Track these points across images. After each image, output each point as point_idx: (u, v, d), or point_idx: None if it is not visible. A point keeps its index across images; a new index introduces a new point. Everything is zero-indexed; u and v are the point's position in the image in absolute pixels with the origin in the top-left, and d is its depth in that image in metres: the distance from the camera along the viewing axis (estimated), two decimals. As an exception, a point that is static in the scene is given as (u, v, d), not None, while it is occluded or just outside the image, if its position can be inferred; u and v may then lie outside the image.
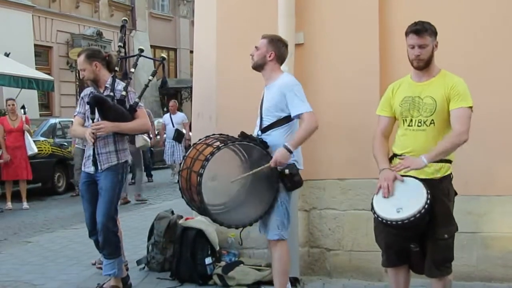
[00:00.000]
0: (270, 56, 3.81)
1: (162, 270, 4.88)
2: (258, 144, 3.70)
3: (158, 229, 4.98)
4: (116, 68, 4.47)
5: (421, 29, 3.23)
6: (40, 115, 15.77)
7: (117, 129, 4.24)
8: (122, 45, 4.65)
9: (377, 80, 4.48)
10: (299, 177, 3.73)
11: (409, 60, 3.30)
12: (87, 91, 4.47)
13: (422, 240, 3.28)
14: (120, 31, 4.75)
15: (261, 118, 3.84)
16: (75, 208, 9.02)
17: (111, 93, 4.30)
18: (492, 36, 4.41)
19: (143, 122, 4.37)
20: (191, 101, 6.65)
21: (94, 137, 4.14)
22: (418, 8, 4.37)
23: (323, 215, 4.69)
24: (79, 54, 4.46)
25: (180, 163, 4.18)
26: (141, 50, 4.72)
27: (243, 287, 4.43)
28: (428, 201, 3.09)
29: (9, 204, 9.57)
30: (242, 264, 4.62)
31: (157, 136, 12.87)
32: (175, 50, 25.93)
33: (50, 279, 4.98)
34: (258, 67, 3.86)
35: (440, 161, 3.21)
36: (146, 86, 4.62)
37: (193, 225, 4.73)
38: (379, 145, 3.42)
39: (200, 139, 3.91)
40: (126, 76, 4.62)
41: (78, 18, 19.24)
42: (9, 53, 14.39)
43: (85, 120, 4.39)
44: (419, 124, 3.27)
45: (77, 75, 15.24)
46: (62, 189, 11.55)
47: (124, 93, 4.30)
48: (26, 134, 9.89)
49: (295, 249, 4.43)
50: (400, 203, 3.14)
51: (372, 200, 3.28)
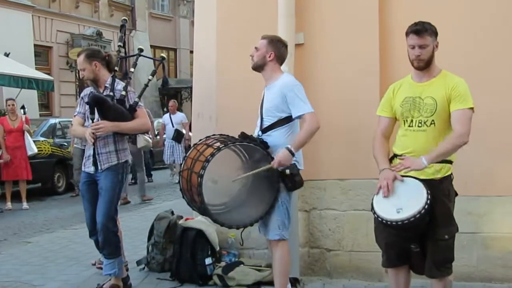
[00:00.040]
0: (270, 57, 3.81)
1: (162, 271, 4.88)
2: (258, 145, 3.70)
3: (158, 230, 4.98)
4: (116, 68, 4.47)
5: (422, 29, 3.22)
6: (40, 115, 15.77)
7: (117, 128, 4.23)
8: (122, 45, 4.66)
9: (377, 80, 4.48)
10: (300, 177, 3.72)
11: (409, 60, 3.30)
12: (87, 91, 4.47)
13: (422, 240, 3.27)
14: (120, 31, 4.75)
15: (261, 119, 3.84)
16: (75, 208, 9.03)
17: (111, 93, 4.30)
18: (492, 36, 4.40)
19: (143, 121, 4.37)
20: (191, 101, 6.65)
21: (94, 137, 4.14)
22: (418, 8, 4.37)
23: (323, 216, 4.69)
24: (79, 54, 4.46)
25: (180, 164, 4.18)
26: (141, 50, 4.71)
27: (243, 287, 4.43)
28: (428, 201, 3.09)
29: (9, 204, 9.56)
30: (242, 265, 4.62)
31: (157, 136, 12.87)
32: (175, 50, 25.93)
33: (50, 279, 4.98)
34: (258, 67, 3.86)
35: (441, 161, 3.21)
36: (146, 86, 4.62)
37: (193, 225, 4.73)
38: (379, 146, 3.42)
39: (201, 139, 3.91)
40: (126, 76, 4.62)
41: (78, 18, 19.25)
42: (9, 53, 14.38)
43: (85, 120, 4.39)
44: (420, 125, 3.26)
45: (77, 75, 15.30)
46: (62, 189, 11.55)
47: (124, 93, 4.30)
48: (26, 134, 9.88)
49: (295, 250, 4.42)
50: (400, 203, 3.13)
51: (372, 200, 3.27)
